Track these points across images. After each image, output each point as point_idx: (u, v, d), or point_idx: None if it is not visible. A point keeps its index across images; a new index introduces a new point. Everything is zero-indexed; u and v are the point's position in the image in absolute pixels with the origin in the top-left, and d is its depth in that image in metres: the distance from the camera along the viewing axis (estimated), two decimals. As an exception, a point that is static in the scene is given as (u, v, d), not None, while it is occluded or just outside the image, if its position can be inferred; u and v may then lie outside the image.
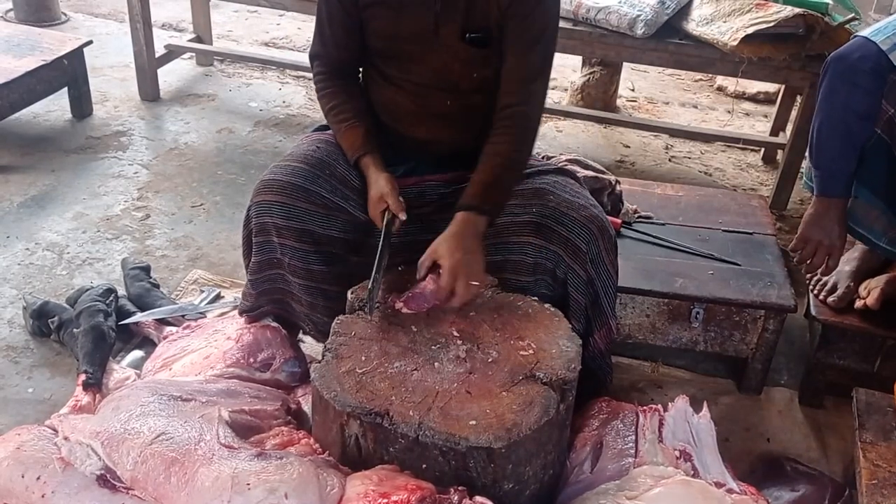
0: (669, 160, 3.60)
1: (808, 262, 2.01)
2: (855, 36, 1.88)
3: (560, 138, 3.72)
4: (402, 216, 1.75)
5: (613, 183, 2.42)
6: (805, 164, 2.21)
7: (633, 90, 4.35)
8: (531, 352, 1.62)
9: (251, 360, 1.89)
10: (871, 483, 1.69)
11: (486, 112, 1.84)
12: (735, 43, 2.73)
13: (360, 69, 1.95)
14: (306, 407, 1.82)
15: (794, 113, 3.35)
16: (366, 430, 1.45)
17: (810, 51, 2.78)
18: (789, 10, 2.74)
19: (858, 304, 2.07)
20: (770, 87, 4.09)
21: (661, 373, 2.30)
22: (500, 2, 1.74)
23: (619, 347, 2.20)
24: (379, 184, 1.78)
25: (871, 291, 2.07)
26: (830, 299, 2.10)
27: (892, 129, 1.88)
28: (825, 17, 2.76)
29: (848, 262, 2.17)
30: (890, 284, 2.07)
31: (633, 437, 1.68)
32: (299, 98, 3.86)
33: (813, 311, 2.11)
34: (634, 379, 2.27)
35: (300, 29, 4.61)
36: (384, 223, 1.76)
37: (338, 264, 1.82)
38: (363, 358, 1.55)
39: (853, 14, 2.79)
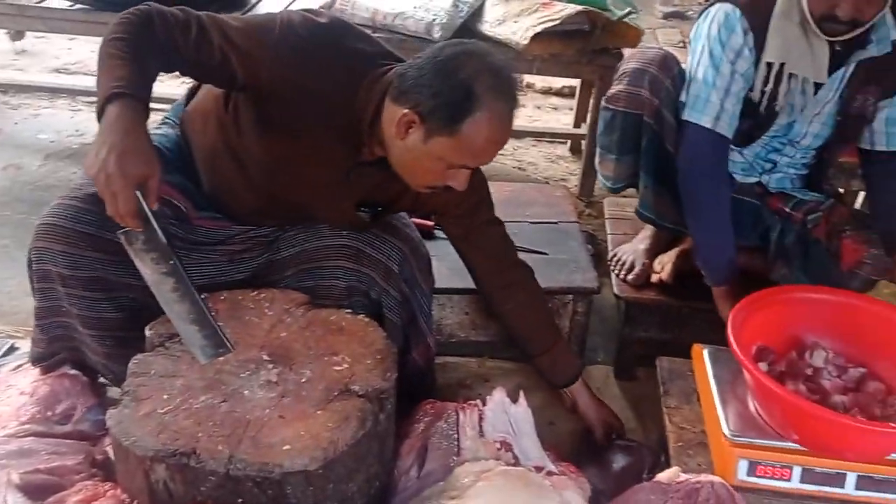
0: (483, 157, 3.70)
1: None
2: (687, 123, 1.99)
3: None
4: (155, 207, 1.42)
5: (423, 186, 2.46)
6: (600, 168, 2.30)
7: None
8: (346, 366, 1.61)
9: (49, 413, 1.75)
10: (677, 446, 1.81)
11: (330, 225, 1.84)
12: (526, 42, 2.84)
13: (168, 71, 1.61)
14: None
15: (591, 104, 3.54)
16: (173, 473, 1.38)
17: (595, 45, 2.95)
18: (572, 8, 2.89)
19: (654, 278, 2.22)
20: (574, 81, 4.31)
21: (488, 366, 2.35)
22: (428, 205, 1.81)
23: (443, 347, 2.23)
24: (145, 149, 1.38)
25: (664, 266, 2.22)
26: (629, 277, 2.24)
27: (660, 120, 2.02)
28: (605, 12, 2.93)
29: (641, 241, 2.32)
30: (680, 258, 2.23)
31: (456, 436, 1.71)
32: (94, 125, 3.62)
33: (616, 290, 2.24)
34: (462, 376, 2.31)
35: (93, 52, 4.34)
36: (149, 219, 1.40)
37: (135, 309, 1.69)
38: (165, 397, 1.47)
39: (630, 9, 2.98)
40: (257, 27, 1.57)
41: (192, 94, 1.85)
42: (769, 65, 1.93)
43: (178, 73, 1.61)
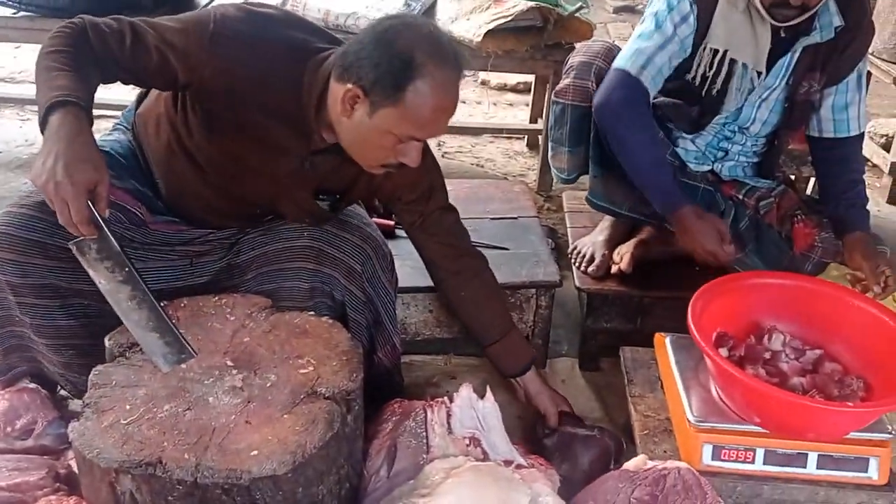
0: (443, 156, 3.71)
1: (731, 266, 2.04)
2: (611, 69, 2.03)
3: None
4: (106, 215, 1.41)
5: (382, 186, 2.45)
6: (552, 161, 2.34)
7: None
8: (311, 368, 1.59)
9: (9, 429, 1.71)
10: (643, 433, 1.84)
11: (291, 220, 1.83)
12: (479, 39, 2.86)
13: (112, 81, 1.60)
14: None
15: (547, 99, 3.57)
16: (139, 484, 1.35)
17: (548, 40, 2.98)
18: (524, 4, 2.91)
19: (614, 269, 2.25)
20: (529, 77, 4.33)
21: (454, 363, 2.36)
22: (380, 189, 1.78)
23: (409, 346, 2.23)
24: (92, 156, 1.36)
25: (623, 257, 2.25)
26: (590, 269, 2.26)
27: None
28: (557, 8, 2.95)
29: (600, 232, 2.34)
30: (638, 248, 2.26)
31: (425, 434, 1.71)
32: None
33: (577, 283, 2.26)
34: (429, 374, 2.31)
35: (40, 60, 4.25)
36: (102, 227, 1.39)
37: (90, 316, 1.67)
38: (128, 407, 1.45)
39: (581, 4, 3.01)
40: (192, 23, 1.55)
41: (142, 98, 1.83)
42: (714, 51, 1.98)
43: (119, 82, 1.59)
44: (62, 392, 1.90)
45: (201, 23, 1.55)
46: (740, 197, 2.18)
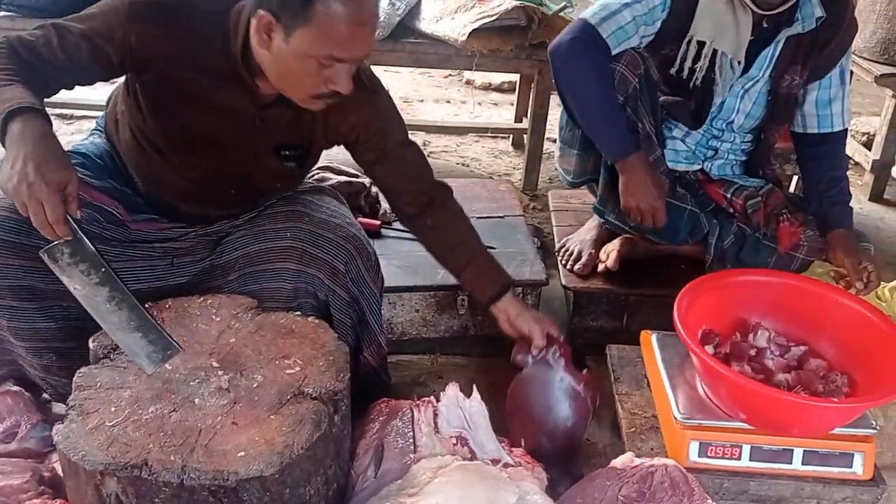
0: (428, 156, 3.67)
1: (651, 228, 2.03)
2: (577, 19, 2.02)
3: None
4: (78, 215, 1.41)
5: (368, 185, 2.45)
6: (560, 162, 2.29)
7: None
8: (298, 368, 1.59)
9: (-9, 432, 1.70)
10: (630, 431, 1.84)
11: (267, 199, 1.81)
12: (464, 38, 2.86)
13: (55, 92, 1.61)
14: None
15: (532, 98, 3.57)
16: (125, 486, 1.34)
17: (533, 40, 2.98)
18: (509, 3, 2.92)
19: (600, 267, 2.25)
20: (513, 76, 4.34)
21: (440, 363, 2.36)
22: (337, 130, 1.72)
23: (396, 345, 2.23)
24: (59, 155, 1.37)
25: (609, 255, 2.26)
26: (577, 268, 2.27)
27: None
28: (541, 7, 2.96)
29: (588, 231, 2.35)
30: (624, 245, 2.27)
31: (412, 434, 1.71)
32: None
33: (563, 281, 2.27)
34: (415, 374, 2.31)
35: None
36: (75, 229, 1.39)
37: (69, 318, 1.65)
38: (112, 409, 1.43)
39: (565, 3, 3.02)
40: (109, 2, 1.56)
41: (110, 99, 1.84)
42: (700, 43, 1.98)
43: (65, 88, 1.58)
44: (45, 395, 1.89)
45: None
46: (728, 197, 2.19)
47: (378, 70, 4.29)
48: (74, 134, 3.63)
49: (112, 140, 1.79)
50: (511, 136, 3.85)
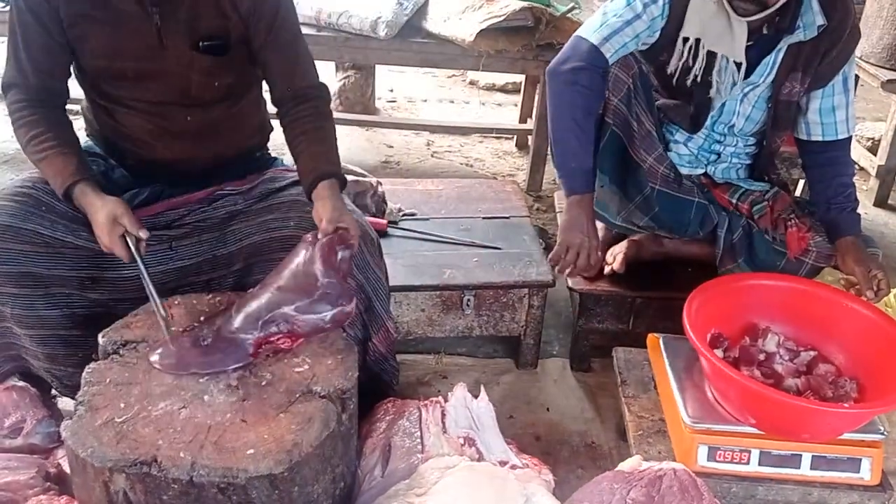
0: (432, 156, 3.70)
1: (571, 267, 2.02)
2: (574, 37, 2.02)
3: (323, 145, 3.70)
4: (144, 234, 1.63)
5: (375, 185, 2.44)
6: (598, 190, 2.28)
7: (392, 91, 4.43)
8: (306, 367, 1.58)
9: (-3, 427, 1.69)
10: (637, 434, 1.84)
11: (228, 126, 1.79)
12: (472, 38, 2.86)
13: (68, 96, 1.77)
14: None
15: (537, 99, 3.57)
16: (133, 483, 1.33)
17: (540, 41, 2.98)
18: (516, 4, 2.91)
19: (607, 270, 2.25)
20: (518, 77, 4.34)
21: (445, 363, 2.35)
22: (236, 7, 1.69)
23: (401, 345, 2.22)
24: (108, 207, 1.62)
25: (616, 257, 2.25)
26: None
27: (624, 122, 2.05)
28: (549, 8, 2.96)
29: (595, 234, 2.34)
30: (631, 248, 2.26)
31: (419, 433, 1.70)
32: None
33: (569, 283, 2.26)
34: (420, 374, 2.30)
35: None
36: (132, 250, 1.62)
37: (73, 306, 1.66)
38: (122, 405, 1.43)
39: (573, 4, 3.02)
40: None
41: None
42: (685, 40, 1.98)
43: (75, 69, 1.74)
44: (53, 391, 1.88)
45: None
46: (734, 201, 2.19)
47: (382, 69, 4.28)
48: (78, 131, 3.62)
49: (92, 128, 1.85)
50: (515, 136, 3.84)
